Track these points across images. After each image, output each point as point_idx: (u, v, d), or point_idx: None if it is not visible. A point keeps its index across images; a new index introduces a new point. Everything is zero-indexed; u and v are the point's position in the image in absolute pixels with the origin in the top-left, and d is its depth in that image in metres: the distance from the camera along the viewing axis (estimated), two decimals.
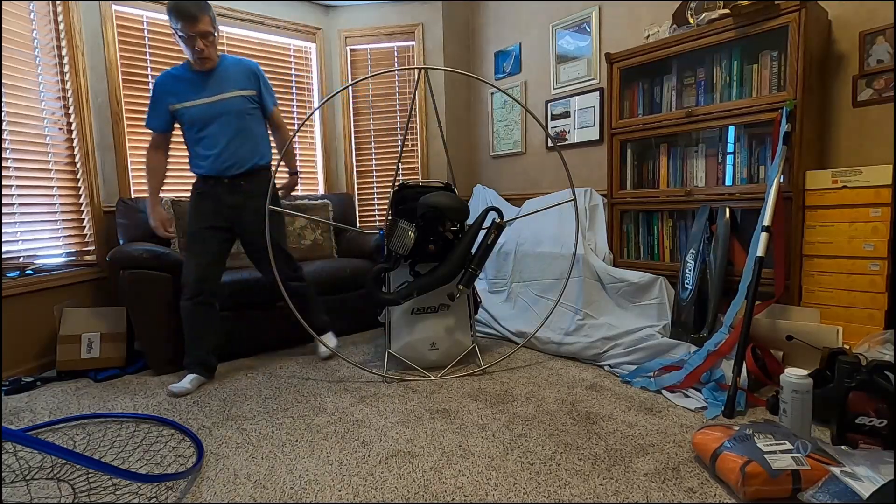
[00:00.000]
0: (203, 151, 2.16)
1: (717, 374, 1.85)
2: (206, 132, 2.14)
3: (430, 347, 2.25)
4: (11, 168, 2.31)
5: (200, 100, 2.12)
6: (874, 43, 1.98)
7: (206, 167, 2.16)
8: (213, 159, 2.15)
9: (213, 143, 2.15)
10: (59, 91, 2.58)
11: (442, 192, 2.16)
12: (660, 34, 2.47)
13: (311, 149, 3.65)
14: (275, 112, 2.34)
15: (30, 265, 2.39)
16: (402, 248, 2.11)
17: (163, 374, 2.30)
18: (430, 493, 1.31)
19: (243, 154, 2.19)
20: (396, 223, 2.12)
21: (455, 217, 2.15)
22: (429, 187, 2.27)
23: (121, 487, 1.36)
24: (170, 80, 2.14)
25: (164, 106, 2.13)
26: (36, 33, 2.45)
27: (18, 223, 2.34)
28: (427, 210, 2.09)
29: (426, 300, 2.26)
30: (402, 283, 2.21)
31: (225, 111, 2.15)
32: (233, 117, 2.16)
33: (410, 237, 2.10)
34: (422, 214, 2.11)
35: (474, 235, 2.21)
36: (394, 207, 2.26)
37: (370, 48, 3.66)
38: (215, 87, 2.14)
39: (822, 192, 1.96)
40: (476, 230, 2.22)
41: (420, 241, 2.14)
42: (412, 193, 2.24)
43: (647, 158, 2.56)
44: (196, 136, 2.16)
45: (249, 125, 2.21)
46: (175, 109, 2.13)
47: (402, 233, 2.11)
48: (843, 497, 1.11)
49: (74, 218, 2.63)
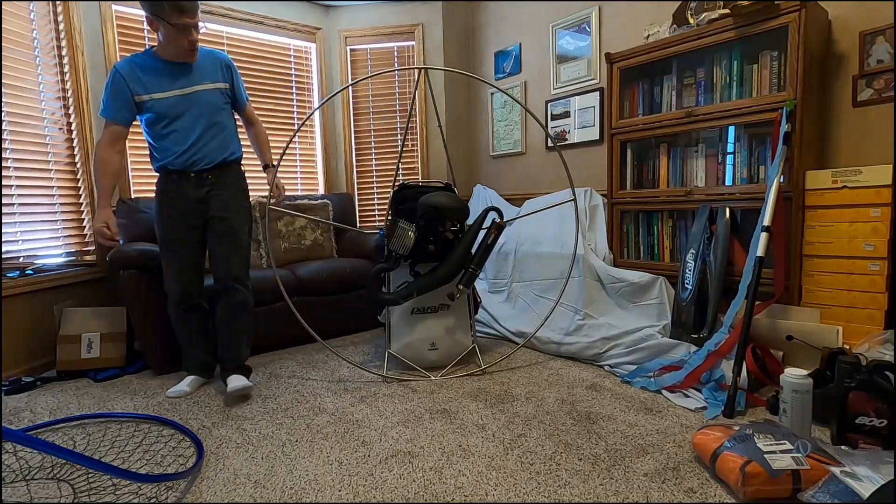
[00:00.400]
0: (171, 146, 2.00)
1: (717, 374, 1.86)
2: (176, 126, 1.99)
3: (431, 347, 2.25)
4: (11, 168, 2.31)
5: (172, 91, 1.97)
6: (874, 43, 1.98)
7: (171, 162, 2.01)
8: (181, 154, 2.00)
9: (184, 137, 2.00)
10: (59, 91, 2.58)
11: (442, 192, 2.16)
12: (660, 34, 2.47)
13: (311, 149, 3.65)
14: (248, 107, 2.25)
15: (30, 265, 2.39)
16: (402, 248, 2.11)
17: (163, 375, 2.30)
18: (430, 493, 1.31)
19: (213, 149, 2.05)
20: (396, 223, 2.12)
21: (455, 217, 2.15)
22: (429, 187, 2.28)
23: (121, 487, 1.36)
24: (135, 69, 1.95)
25: (126, 96, 1.94)
26: (36, 33, 2.45)
27: (18, 223, 2.34)
28: (427, 210, 2.09)
29: (426, 300, 2.26)
30: (402, 283, 2.22)
31: (198, 103, 2.01)
32: (205, 110, 2.03)
33: (410, 237, 2.10)
34: (422, 214, 2.11)
35: (474, 235, 2.21)
36: (394, 207, 2.26)
37: (370, 48, 3.66)
38: (187, 78, 2.00)
39: (822, 192, 1.96)
40: (476, 230, 2.22)
41: (420, 241, 2.14)
42: (412, 193, 2.24)
43: (647, 158, 2.56)
44: (163, 131, 1.99)
45: (221, 119, 2.08)
46: (142, 101, 1.95)
47: (402, 233, 2.10)
48: (843, 497, 1.11)
49: (74, 218, 2.63)
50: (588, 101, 3.00)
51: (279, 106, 3.46)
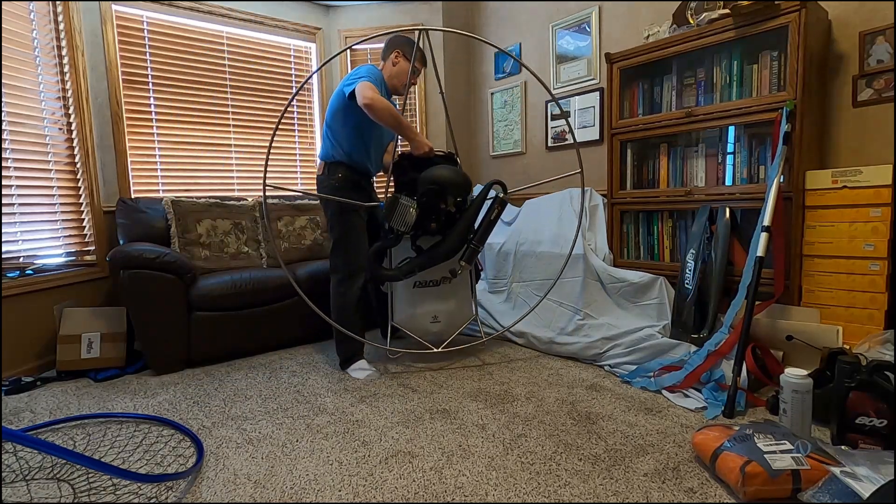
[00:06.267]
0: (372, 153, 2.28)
1: (717, 374, 1.85)
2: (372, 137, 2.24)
3: (433, 320, 2.29)
4: (11, 168, 2.31)
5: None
6: (874, 43, 1.98)
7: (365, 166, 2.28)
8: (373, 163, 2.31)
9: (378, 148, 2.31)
10: (59, 91, 2.58)
11: (444, 166, 2.10)
12: (660, 34, 2.47)
13: (311, 149, 3.65)
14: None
15: (30, 265, 2.39)
16: (404, 225, 2.07)
17: (163, 374, 2.30)
18: (430, 493, 1.31)
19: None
20: (397, 200, 2.06)
21: (458, 193, 2.11)
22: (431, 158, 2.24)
23: (121, 487, 1.36)
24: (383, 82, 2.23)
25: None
26: (36, 33, 2.45)
27: (18, 223, 2.34)
28: (429, 186, 2.05)
29: (428, 274, 2.26)
30: (403, 258, 2.20)
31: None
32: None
33: (412, 214, 2.05)
34: (424, 191, 2.07)
35: (477, 210, 2.18)
36: (395, 180, 2.23)
37: (370, 48, 3.66)
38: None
39: (822, 192, 1.95)
40: (479, 205, 2.18)
41: (422, 216, 2.10)
42: (413, 164, 2.20)
43: (647, 158, 2.56)
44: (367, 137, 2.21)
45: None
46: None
47: (403, 210, 2.05)
48: (843, 497, 1.11)
49: (74, 218, 2.63)
50: (588, 101, 3.00)
51: (280, 106, 3.46)
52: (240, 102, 3.29)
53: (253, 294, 2.51)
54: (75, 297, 2.57)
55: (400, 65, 2.24)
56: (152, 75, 2.95)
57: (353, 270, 2.20)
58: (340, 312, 2.21)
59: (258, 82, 3.36)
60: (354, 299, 2.21)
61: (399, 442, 1.59)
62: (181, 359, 2.36)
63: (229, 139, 3.27)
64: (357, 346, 2.26)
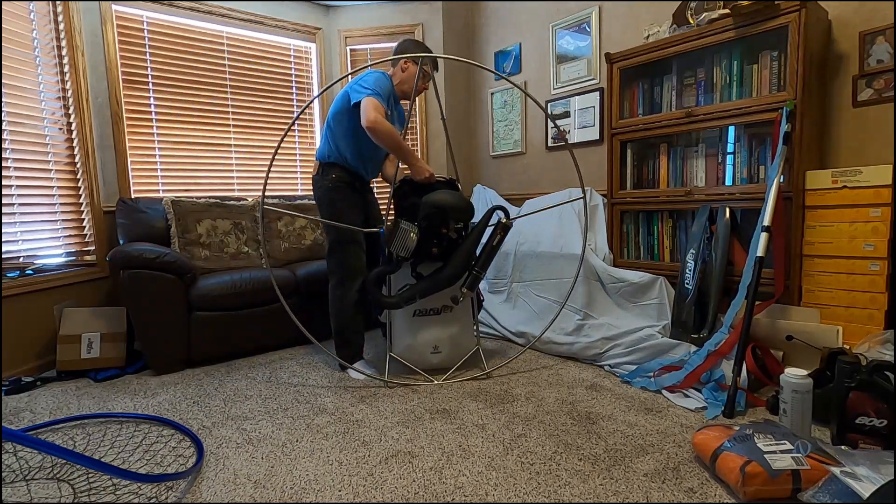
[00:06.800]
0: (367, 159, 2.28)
1: (717, 374, 1.86)
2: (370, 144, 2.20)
3: (433, 350, 2.20)
4: (11, 168, 2.31)
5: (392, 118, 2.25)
6: (874, 43, 1.98)
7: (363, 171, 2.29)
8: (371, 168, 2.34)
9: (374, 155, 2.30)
10: (59, 91, 2.58)
11: (446, 191, 2.07)
12: (660, 34, 2.47)
13: (311, 149, 3.65)
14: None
15: (30, 265, 2.39)
16: (405, 250, 2.03)
17: (163, 374, 2.30)
18: (430, 493, 1.31)
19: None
20: (398, 224, 2.02)
21: (460, 217, 2.07)
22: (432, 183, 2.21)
23: (121, 487, 1.36)
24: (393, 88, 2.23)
25: (388, 97, 2.15)
26: (36, 33, 2.45)
27: (18, 223, 2.34)
28: (430, 210, 2.02)
29: (429, 302, 2.20)
30: (403, 285, 2.16)
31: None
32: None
33: (413, 239, 2.02)
34: (425, 215, 2.03)
35: (479, 236, 2.13)
36: (396, 205, 2.21)
37: (370, 48, 3.65)
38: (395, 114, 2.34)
39: (822, 192, 1.95)
40: (481, 230, 2.13)
41: (423, 242, 2.06)
42: (414, 189, 2.17)
43: (647, 158, 2.56)
44: (364, 143, 2.18)
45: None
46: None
47: (403, 235, 2.02)
48: (843, 497, 1.11)
49: (74, 218, 2.63)
50: (588, 101, 3.00)
51: (280, 106, 3.46)
52: (240, 102, 3.29)
53: (253, 294, 2.51)
54: (75, 297, 2.57)
55: (409, 70, 2.27)
56: (152, 75, 2.95)
57: (350, 272, 2.20)
58: (339, 315, 2.21)
59: (258, 82, 3.36)
60: (353, 301, 2.20)
61: (399, 442, 1.59)
62: (181, 359, 2.36)
63: (229, 139, 3.27)
64: (357, 346, 2.26)
